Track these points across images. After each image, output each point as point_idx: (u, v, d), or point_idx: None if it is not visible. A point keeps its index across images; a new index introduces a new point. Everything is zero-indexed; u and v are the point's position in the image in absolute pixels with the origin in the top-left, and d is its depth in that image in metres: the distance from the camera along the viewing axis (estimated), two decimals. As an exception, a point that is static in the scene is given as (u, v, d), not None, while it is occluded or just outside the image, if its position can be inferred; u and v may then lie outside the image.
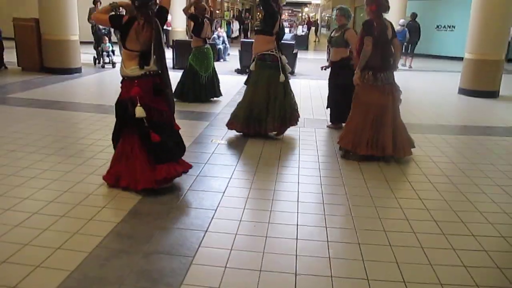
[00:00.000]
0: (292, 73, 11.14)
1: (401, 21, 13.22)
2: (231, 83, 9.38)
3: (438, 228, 3.13)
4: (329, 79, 5.89)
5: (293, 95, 5.36)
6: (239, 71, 11.15)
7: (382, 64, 4.40)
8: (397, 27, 12.53)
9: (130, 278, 2.38)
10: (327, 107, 6.12)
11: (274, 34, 5.02)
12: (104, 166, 4.04)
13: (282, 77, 5.01)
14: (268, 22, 4.95)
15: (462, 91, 8.84)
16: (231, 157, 4.55)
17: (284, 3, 4.98)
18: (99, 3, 11.25)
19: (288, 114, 5.16)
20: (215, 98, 7.44)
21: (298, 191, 3.71)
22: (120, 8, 3.58)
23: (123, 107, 3.49)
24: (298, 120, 5.38)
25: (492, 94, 8.61)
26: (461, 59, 9.92)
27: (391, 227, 3.11)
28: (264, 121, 5.06)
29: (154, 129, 3.38)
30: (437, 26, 17.17)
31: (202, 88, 7.16)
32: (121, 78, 3.51)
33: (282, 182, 3.93)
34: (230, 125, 5.23)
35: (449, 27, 17.02)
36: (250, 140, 5.16)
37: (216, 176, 4.01)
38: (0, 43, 9.66)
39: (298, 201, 3.51)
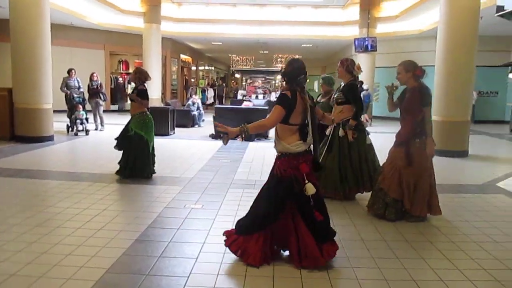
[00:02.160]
0: (266, 137, 11.33)
1: (365, 86, 14.36)
2: (206, 148, 9.43)
3: None
4: None
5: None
6: (213, 137, 11.25)
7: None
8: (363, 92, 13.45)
9: None
10: None
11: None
12: (71, 235, 3.90)
13: (368, 139, 5.32)
14: (352, 96, 5.22)
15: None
16: (205, 222, 4.45)
17: (360, 73, 5.37)
18: (72, 71, 11.45)
19: (373, 177, 5.23)
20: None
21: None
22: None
23: (287, 184, 3.32)
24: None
25: (462, 153, 8.88)
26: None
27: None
28: (361, 181, 5.24)
29: (317, 207, 3.34)
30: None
31: (149, 159, 6.32)
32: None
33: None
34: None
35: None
36: (224, 204, 5.11)
37: (189, 241, 3.89)
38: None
39: (273, 265, 3.41)
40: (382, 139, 7.70)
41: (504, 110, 17.07)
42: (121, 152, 6.35)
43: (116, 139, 6.41)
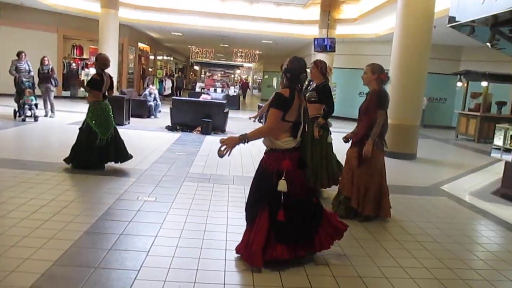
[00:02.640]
0: (223, 131, 11.31)
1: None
2: (161, 140, 9.29)
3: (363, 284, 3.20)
4: None
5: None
6: (170, 128, 11.10)
7: (386, 129, 4.66)
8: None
9: None
10: None
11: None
12: (16, 226, 3.74)
13: (330, 138, 5.47)
14: (325, 97, 5.37)
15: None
16: (158, 215, 4.39)
17: (331, 75, 5.51)
18: (23, 54, 10.94)
19: (337, 173, 5.39)
20: (119, 163, 6.29)
21: (225, 249, 3.64)
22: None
23: (267, 177, 3.35)
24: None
25: (410, 156, 9.25)
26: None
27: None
28: (319, 177, 5.34)
29: (286, 206, 3.30)
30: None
31: (96, 151, 6.01)
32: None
33: (210, 240, 3.83)
34: None
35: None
36: (178, 197, 5.07)
37: (141, 234, 3.83)
38: None
39: (225, 259, 3.44)
40: (338, 138, 7.89)
41: (452, 116, 17.96)
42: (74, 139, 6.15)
43: None
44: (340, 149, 5.27)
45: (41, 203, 4.40)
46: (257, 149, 8.71)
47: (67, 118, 11.51)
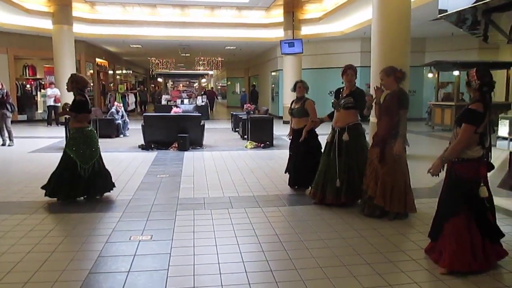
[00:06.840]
0: (201, 145, 10.65)
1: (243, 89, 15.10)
2: (138, 162, 8.52)
3: None
4: (292, 146, 6.21)
5: None
6: (143, 147, 10.29)
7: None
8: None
9: None
10: (285, 172, 6.37)
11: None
12: (-11, 296, 3.00)
13: (368, 143, 5.35)
14: (361, 101, 5.13)
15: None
16: (159, 258, 3.70)
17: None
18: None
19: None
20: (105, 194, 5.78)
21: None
22: None
23: (462, 185, 3.45)
24: None
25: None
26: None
27: None
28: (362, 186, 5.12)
29: (490, 209, 3.50)
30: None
31: (81, 182, 5.42)
32: None
33: (230, 287, 3.23)
34: (320, 198, 5.28)
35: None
36: (176, 231, 4.40)
37: (146, 288, 3.18)
38: None
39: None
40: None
41: (421, 107, 18.05)
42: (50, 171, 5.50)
43: None
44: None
45: (16, 259, 3.64)
46: (244, 165, 8.15)
47: (27, 146, 10.52)
